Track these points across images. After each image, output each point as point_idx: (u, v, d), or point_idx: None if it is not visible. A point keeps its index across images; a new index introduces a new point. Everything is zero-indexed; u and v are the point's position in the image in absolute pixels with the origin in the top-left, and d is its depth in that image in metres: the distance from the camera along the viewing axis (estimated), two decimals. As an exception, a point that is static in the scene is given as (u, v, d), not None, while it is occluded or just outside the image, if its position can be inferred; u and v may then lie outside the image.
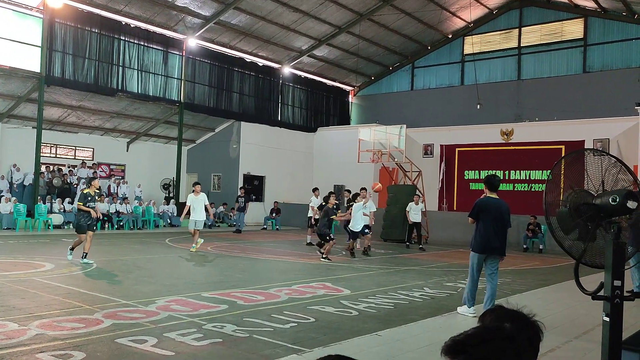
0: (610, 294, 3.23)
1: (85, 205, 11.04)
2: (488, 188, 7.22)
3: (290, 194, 26.99)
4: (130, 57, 21.95)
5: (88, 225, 11.06)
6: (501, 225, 7.05)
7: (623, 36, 23.80)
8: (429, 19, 26.33)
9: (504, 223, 7.09)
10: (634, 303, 7.79)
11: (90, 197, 11.15)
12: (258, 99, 26.94)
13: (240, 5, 22.56)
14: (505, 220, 7.09)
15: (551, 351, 5.49)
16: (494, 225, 6.99)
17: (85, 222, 11.07)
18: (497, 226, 7.01)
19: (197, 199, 13.85)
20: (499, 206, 7.07)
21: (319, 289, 8.86)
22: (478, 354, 1.34)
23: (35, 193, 19.42)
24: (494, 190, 7.19)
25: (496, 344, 1.38)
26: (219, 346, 5.33)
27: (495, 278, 7.15)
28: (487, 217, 7.00)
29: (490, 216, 7.00)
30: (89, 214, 11.02)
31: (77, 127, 23.39)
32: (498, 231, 7.02)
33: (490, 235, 6.99)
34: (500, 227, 7.05)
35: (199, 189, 14.09)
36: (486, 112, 24.98)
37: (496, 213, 7.02)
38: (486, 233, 6.99)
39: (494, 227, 6.99)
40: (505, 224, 7.10)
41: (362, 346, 5.50)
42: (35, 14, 19.30)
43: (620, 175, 3.50)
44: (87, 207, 11.02)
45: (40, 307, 6.71)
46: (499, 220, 7.02)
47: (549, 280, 10.76)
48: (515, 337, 1.41)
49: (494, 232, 7.00)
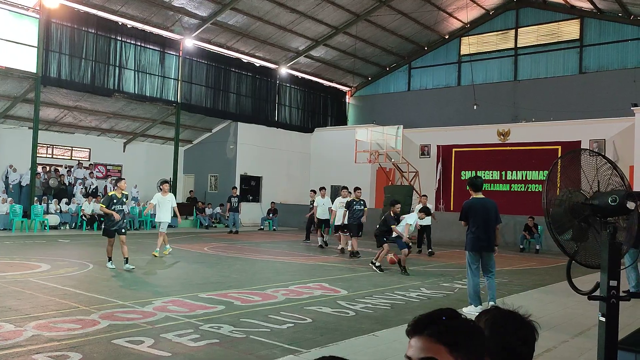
0: (606, 294, 3.24)
1: (110, 208, 10.44)
2: (472, 189, 7.66)
3: (287, 194, 26.99)
4: (126, 57, 21.91)
5: (116, 230, 10.48)
6: (489, 223, 7.43)
7: (619, 37, 23.87)
8: (426, 19, 26.36)
9: (492, 220, 7.47)
10: (630, 303, 7.83)
11: (116, 200, 10.57)
12: (255, 99, 26.93)
13: (237, 6, 22.54)
14: (491, 218, 7.47)
15: (547, 351, 5.51)
16: (482, 223, 7.39)
17: (110, 225, 10.50)
18: (485, 224, 7.40)
19: (164, 198, 12.92)
20: (484, 205, 7.48)
21: (316, 289, 8.86)
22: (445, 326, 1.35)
23: (31, 194, 19.37)
24: (478, 191, 7.62)
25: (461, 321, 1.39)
26: (215, 347, 5.33)
27: (492, 273, 7.52)
28: (475, 217, 7.40)
29: (477, 216, 7.41)
30: (112, 217, 10.44)
31: (74, 128, 23.34)
32: (487, 229, 7.41)
33: (479, 233, 7.38)
34: (488, 225, 7.43)
35: (167, 188, 13.17)
36: (483, 113, 25.03)
37: (482, 212, 7.43)
38: (476, 232, 7.40)
39: (483, 226, 7.39)
40: (492, 221, 7.47)
41: (358, 347, 5.51)
42: (32, 14, 19.25)
43: (613, 178, 3.52)
44: (109, 210, 10.42)
45: (37, 308, 6.69)
46: (486, 218, 7.41)
47: (545, 281, 10.78)
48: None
49: (483, 230, 7.39)
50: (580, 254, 3.47)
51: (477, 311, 7.08)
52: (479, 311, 6.64)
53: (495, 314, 1.69)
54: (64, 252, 13.06)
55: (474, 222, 7.39)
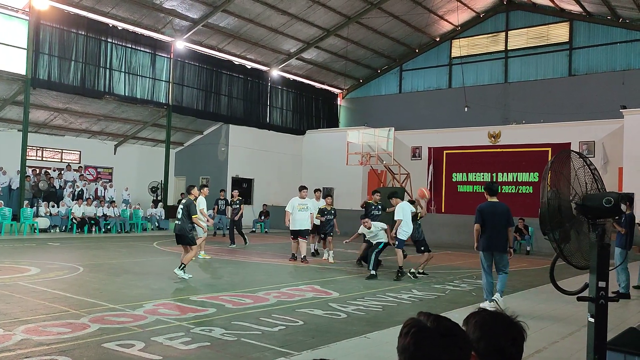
0: (595, 295, 3.26)
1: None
2: (488, 193, 8.12)
3: (279, 196, 26.95)
4: (117, 59, 21.82)
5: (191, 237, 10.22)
6: (500, 225, 7.85)
7: (608, 40, 24.08)
8: (417, 22, 26.47)
9: (503, 223, 7.89)
10: (619, 304, 7.88)
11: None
12: (246, 101, 26.90)
13: (229, 8, 22.52)
14: (503, 221, 7.89)
15: (537, 352, 5.53)
16: (492, 225, 7.82)
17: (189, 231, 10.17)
18: (496, 226, 7.83)
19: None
20: (496, 208, 7.93)
21: (308, 291, 8.86)
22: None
23: (21, 196, 19.22)
24: (493, 195, 8.09)
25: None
26: (207, 350, 5.31)
27: (504, 271, 7.99)
28: (487, 220, 7.86)
29: (489, 218, 7.85)
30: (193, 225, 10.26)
31: (64, 130, 23.20)
32: (497, 231, 7.83)
33: (491, 235, 7.82)
34: (500, 227, 7.85)
35: (195, 192, 12.36)
36: (474, 115, 25.15)
37: (493, 215, 7.86)
38: (487, 233, 7.84)
39: (493, 228, 7.82)
40: (504, 223, 7.90)
41: (350, 349, 5.51)
42: (21, 15, 19.12)
43: (594, 181, 3.57)
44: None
45: (26, 312, 6.64)
46: (497, 221, 7.84)
47: (535, 282, 10.83)
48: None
49: (495, 232, 7.82)
50: (576, 255, 3.50)
51: (492, 306, 7.55)
52: (494, 306, 6.74)
53: (484, 316, 1.71)
54: (54, 255, 12.98)
55: (486, 224, 7.85)
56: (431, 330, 1.40)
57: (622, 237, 9.13)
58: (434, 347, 1.37)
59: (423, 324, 1.42)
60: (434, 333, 1.39)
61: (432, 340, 1.38)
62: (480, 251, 8.03)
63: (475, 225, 7.94)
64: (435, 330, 1.40)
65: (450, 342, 1.39)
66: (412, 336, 1.39)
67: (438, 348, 1.37)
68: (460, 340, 1.41)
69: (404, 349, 1.39)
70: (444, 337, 1.39)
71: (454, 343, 1.39)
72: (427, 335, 1.39)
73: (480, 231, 7.90)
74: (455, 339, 1.40)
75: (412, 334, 1.39)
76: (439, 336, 1.39)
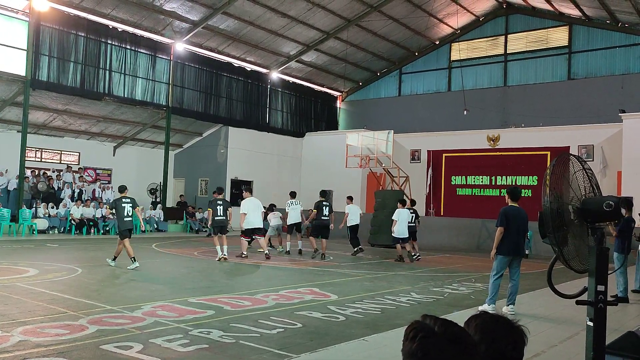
0: (594, 298, 3.27)
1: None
2: (510, 198, 8.04)
3: (278, 199, 26.91)
4: (117, 61, 21.82)
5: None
6: (522, 230, 7.93)
7: (607, 44, 24.13)
8: (417, 25, 26.51)
9: (524, 228, 7.98)
10: (618, 307, 7.88)
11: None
12: (246, 103, 26.91)
13: (229, 10, 22.55)
14: (525, 226, 7.96)
15: (536, 356, 5.53)
16: (516, 230, 7.81)
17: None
18: (520, 231, 7.87)
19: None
20: (519, 213, 7.91)
21: (306, 294, 8.85)
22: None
23: (19, 197, 19.20)
24: (515, 200, 8.02)
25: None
26: (205, 352, 5.30)
27: (518, 276, 8.01)
28: (511, 224, 7.78)
29: (513, 223, 7.79)
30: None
31: (63, 131, 23.19)
32: (520, 235, 7.89)
33: (515, 239, 7.81)
34: (522, 232, 7.94)
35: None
36: (473, 118, 25.18)
37: (518, 220, 7.84)
38: (512, 237, 7.78)
39: (517, 232, 7.82)
40: (525, 229, 8.00)
41: (349, 352, 5.50)
42: (21, 17, 19.12)
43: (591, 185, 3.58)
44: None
45: (24, 313, 6.62)
46: (520, 225, 7.86)
47: (534, 285, 10.82)
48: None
49: (518, 236, 7.85)
50: (575, 259, 3.50)
51: (491, 309, 7.45)
52: (493, 310, 6.75)
53: (485, 319, 1.71)
54: (53, 256, 12.95)
55: (509, 229, 7.76)
56: (439, 336, 1.38)
57: (620, 241, 9.14)
58: (441, 354, 1.35)
59: (430, 328, 1.38)
60: (442, 340, 1.36)
61: (440, 347, 1.36)
62: (499, 255, 7.83)
63: (499, 228, 7.75)
64: (443, 336, 1.38)
65: (459, 349, 1.36)
66: (419, 341, 1.36)
67: (446, 356, 1.35)
68: (469, 348, 1.39)
69: (410, 354, 1.37)
70: (452, 344, 1.36)
71: (462, 351, 1.37)
72: (435, 341, 1.36)
73: (502, 235, 7.74)
74: (463, 347, 1.38)
75: (420, 338, 1.36)
76: (447, 343, 1.36)
